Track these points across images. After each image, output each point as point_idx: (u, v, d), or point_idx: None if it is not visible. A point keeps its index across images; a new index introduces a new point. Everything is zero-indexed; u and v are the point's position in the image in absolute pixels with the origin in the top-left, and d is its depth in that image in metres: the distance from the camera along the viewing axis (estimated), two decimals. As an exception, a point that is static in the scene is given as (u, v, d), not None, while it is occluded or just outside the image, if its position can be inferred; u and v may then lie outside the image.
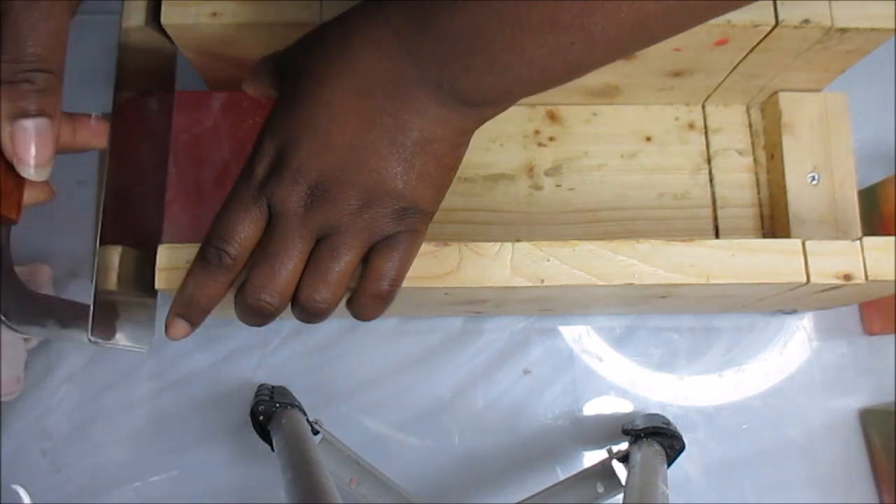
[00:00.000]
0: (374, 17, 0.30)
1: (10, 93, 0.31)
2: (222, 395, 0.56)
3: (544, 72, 0.30)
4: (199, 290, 0.34)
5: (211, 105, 0.49)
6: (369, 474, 0.50)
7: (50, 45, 0.31)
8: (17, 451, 0.54)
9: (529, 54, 0.29)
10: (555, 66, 0.29)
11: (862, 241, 0.39)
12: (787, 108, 0.51)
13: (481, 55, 0.29)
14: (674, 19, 0.29)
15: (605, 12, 0.28)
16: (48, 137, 0.32)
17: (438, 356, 0.56)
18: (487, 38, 0.29)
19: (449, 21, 0.29)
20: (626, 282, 0.37)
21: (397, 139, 0.31)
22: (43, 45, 0.31)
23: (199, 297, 0.34)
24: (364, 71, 0.30)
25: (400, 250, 0.33)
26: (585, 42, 0.28)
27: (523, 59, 0.29)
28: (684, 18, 0.29)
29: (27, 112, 0.31)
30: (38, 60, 0.31)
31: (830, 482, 0.55)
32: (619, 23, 0.28)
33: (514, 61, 0.29)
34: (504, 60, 0.29)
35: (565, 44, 0.28)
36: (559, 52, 0.29)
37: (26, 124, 0.31)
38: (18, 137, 0.31)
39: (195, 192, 0.48)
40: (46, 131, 0.31)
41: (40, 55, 0.31)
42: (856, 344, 0.57)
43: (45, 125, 0.31)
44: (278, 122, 0.32)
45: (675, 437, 0.50)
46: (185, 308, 0.34)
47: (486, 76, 0.30)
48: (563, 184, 0.52)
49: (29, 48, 0.31)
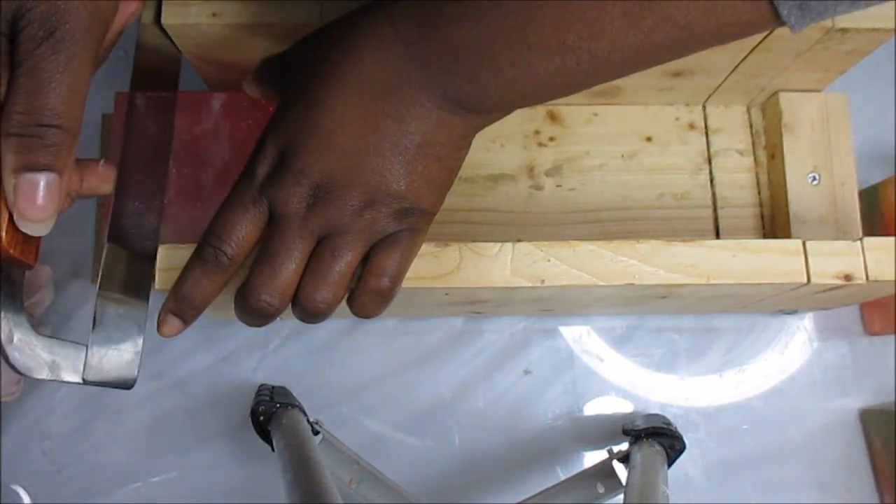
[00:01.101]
0: (379, 21, 0.30)
1: (20, 145, 0.30)
2: (222, 395, 0.56)
3: (549, 87, 0.30)
4: (195, 288, 0.33)
5: (211, 105, 0.49)
6: (369, 474, 0.50)
7: (68, 98, 0.30)
8: (17, 451, 0.54)
9: (535, 70, 0.29)
10: (559, 83, 0.30)
11: (862, 242, 0.39)
12: (787, 109, 0.51)
13: (487, 67, 0.29)
14: (676, 47, 0.29)
15: (612, 38, 0.28)
16: (54, 193, 0.30)
17: (438, 356, 0.56)
18: (494, 53, 0.29)
19: (455, 30, 0.29)
20: (627, 282, 0.37)
21: (400, 142, 0.31)
22: (61, 98, 0.30)
23: (193, 296, 0.34)
24: (367, 74, 0.30)
25: (401, 247, 0.33)
26: (591, 63, 0.29)
27: (529, 74, 0.29)
28: (686, 47, 0.29)
29: (35, 166, 0.30)
30: (53, 116, 0.30)
31: (830, 482, 0.55)
32: (624, 48, 0.28)
33: (519, 76, 0.29)
34: (509, 75, 0.29)
35: (571, 64, 0.29)
36: (564, 70, 0.29)
37: (33, 178, 0.30)
38: (22, 190, 0.30)
39: (195, 192, 0.48)
40: (53, 186, 0.30)
41: (55, 109, 0.30)
42: (856, 344, 0.57)
43: (53, 181, 0.30)
44: (281, 124, 0.32)
45: (676, 438, 0.50)
46: (178, 305, 0.34)
47: (491, 87, 0.30)
48: (564, 184, 0.52)
49: (44, 100, 0.29)
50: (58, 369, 0.35)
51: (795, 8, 0.26)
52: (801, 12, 0.26)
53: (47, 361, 0.35)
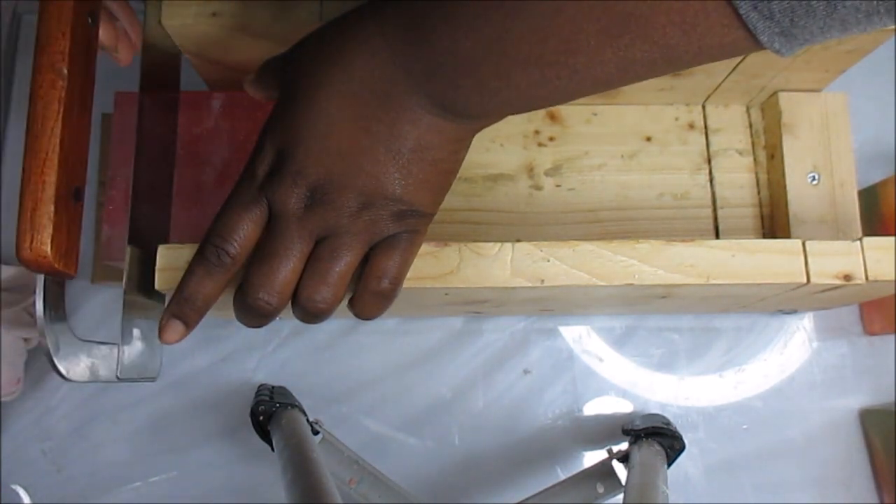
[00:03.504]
0: (368, 26, 0.30)
1: None
2: (222, 395, 0.56)
3: (533, 98, 0.30)
4: (197, 288, 0.33)
5: (211, 105, 0.49)
6: (369, 474, 0.50)
7: None
8: (17, 451, 0.54)
9: (516, 83, 0.29)
10: (542, 94, 0.30)
11: (862, 242, 0.39)
12: (787, 108, 0.51)
13: (469, 77, 0.29)
14: (660, 65, 0.28)
15: (588, 54, 0.28)
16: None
17: (438, 356, 0.56)
18: (475, 63, 0.29)
19: (439, 39, 0.29)
20: (627, 282, 0.37)
21: (392, 146, 0.31)
22: None
23: (196, 296, 0.34)
24: (358, 78, 0.30)
25: (401, 249, 0.33)
26: (571, 77, 0.28)
27: (510, 86, 0.29)
28: (672, 64, 0.28)
29: None
30: None
31: (830, 482, 0.55)
32: (602, 62, 0.28)
33: (500, 87, 0.29)
34: (491, 84, 0.29)
35: (551, 77, 0.28)
36: (544, 83, 0.29)
37: None
38: None
39: (195, 192, 0.48)
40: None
41: None
42: (856, 344, 0.57)
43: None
44: (278, 124, 0.32)
45: (676, 438, 0.50)
46: (180, 307, 0.34)
47: (475, 96, 0.30)
48: (563, 184, 0.52)
49: None
50: (96, 371, 0.37)
51: (779, 35, 0.25)
52: (787, 39, 0.25)
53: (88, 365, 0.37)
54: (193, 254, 0.34)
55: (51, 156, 0.32)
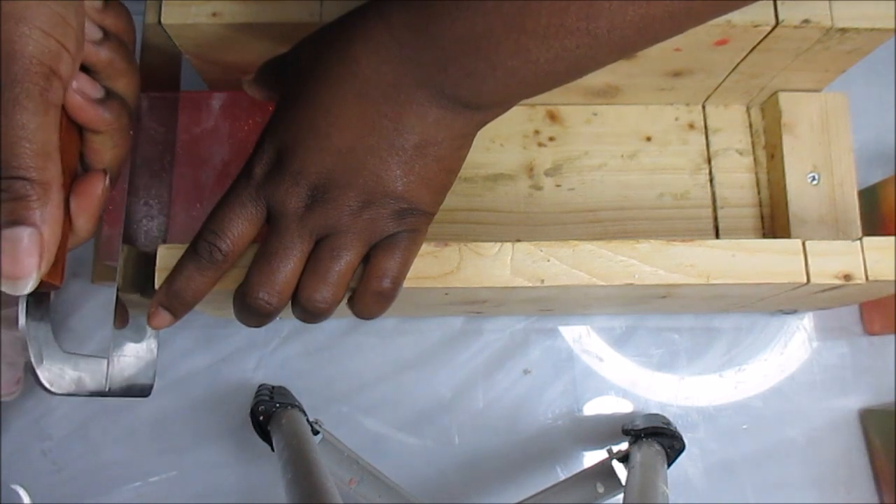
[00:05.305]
0: (374, 21, 0.30)
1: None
2: (222, 395, 0.56)
3: (549, 74, 0.30)
4: (187, 283, 0.33)
5: (211, 105, 0.49)
6: (369, 474, 0.50)
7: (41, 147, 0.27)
8: (17, 451, 0.54)
9: (535, 58, 0.29)
10: (559, 69, 0.29)
11: (862, 242, 0.39)
12: (787, 108, 0.51)
13: (485, 60, 0.29)
14: (677, 20, 0.29)
15: (610, 16, 0.28)
16: (28, 248, 0.27)
17: (438, 356, 0.56)
18: (492, 44, 0.29)
19: (450, 25, 0.29)
20: (627, 282, 0.37)
21: (397, 142, 0.31)
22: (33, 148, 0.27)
23: (185, 291, 0.34)
24: (364, 75, 0.30)
25: (401, 249, 0.33)
26: (590, 45, 0.28)
27: (528, 62, 0.29)
28: (687, 19, 0.29)
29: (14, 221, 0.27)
30: (21, 168, 0.27)
31: (830, 482, 0.55)
32: (623, 25, 0.28)
33: (518, 66, 0.29)
34: (508, 65, 0.29)
35: (570, 47, 0.28)
36: (564, 55, 0.29)
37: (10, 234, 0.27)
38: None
39: (195, 192, 0.48)
40: (23, 242, 0.27)
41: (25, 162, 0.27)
42: (856, 344, 0.57)
43: (20, 236, 0.27)
44: (279, 124, 0.32)
45: (676, 437, 0.50)
46: (169, 299, 0.34)
47: (490, 80, 0.30)
48: (563, 184, 0.52)
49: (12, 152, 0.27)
50: (83, 384, 0.36)
51: None
52: None
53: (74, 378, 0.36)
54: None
55: None
